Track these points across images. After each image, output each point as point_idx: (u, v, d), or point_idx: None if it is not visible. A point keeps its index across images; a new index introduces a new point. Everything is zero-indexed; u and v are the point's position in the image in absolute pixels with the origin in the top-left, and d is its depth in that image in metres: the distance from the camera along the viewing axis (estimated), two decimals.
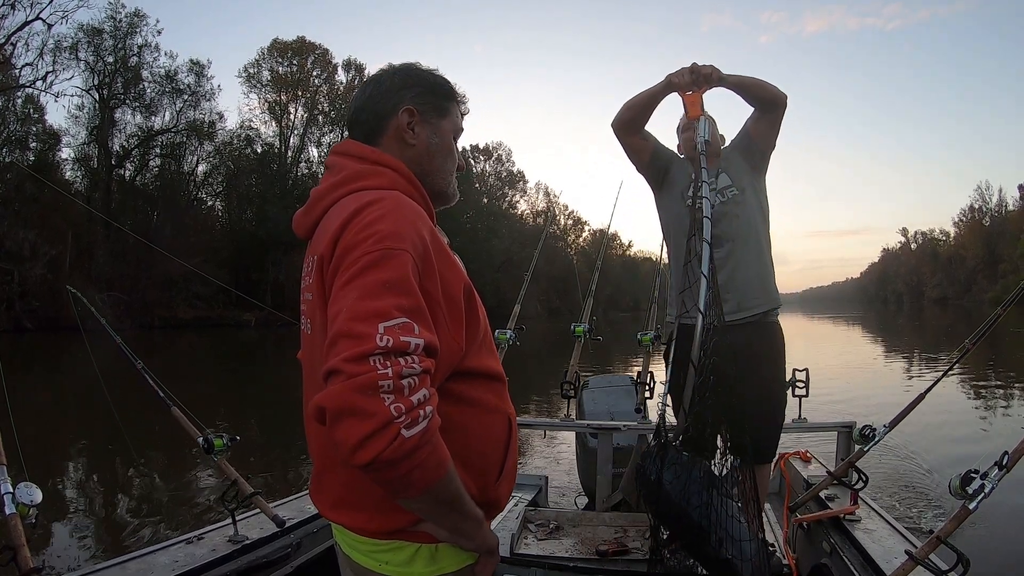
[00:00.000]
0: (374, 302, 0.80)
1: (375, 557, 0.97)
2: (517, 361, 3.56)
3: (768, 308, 2.29)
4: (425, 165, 1.07)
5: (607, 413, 3.79)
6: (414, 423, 0.75)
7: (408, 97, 1.06)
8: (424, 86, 1.09)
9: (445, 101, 1.10)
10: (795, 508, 2.41)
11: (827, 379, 10.51)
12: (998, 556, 3.72)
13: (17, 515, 1.51)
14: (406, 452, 0.75)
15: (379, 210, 0.90)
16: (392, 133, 1.06)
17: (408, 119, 1.06)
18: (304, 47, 45.09)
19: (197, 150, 38.88)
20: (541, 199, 65.11)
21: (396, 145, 1.06)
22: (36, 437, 6.50)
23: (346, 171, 1.02)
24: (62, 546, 4.08)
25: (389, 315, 0.79)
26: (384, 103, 1.06)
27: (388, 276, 0.82)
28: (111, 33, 33.81)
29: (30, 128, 32.32)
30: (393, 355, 0.76)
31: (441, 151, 1.09)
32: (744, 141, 2.35)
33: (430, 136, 1.08)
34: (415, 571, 0.95)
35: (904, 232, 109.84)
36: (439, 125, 1.09)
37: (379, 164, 1.02)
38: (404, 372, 0.76)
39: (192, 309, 32.45)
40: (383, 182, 1.00)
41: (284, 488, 5.05)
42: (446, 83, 1.11)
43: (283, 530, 2.05)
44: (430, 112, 1.08)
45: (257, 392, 11.91)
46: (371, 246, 0.84)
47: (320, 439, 1.00)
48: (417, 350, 0.78)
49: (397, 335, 0.77)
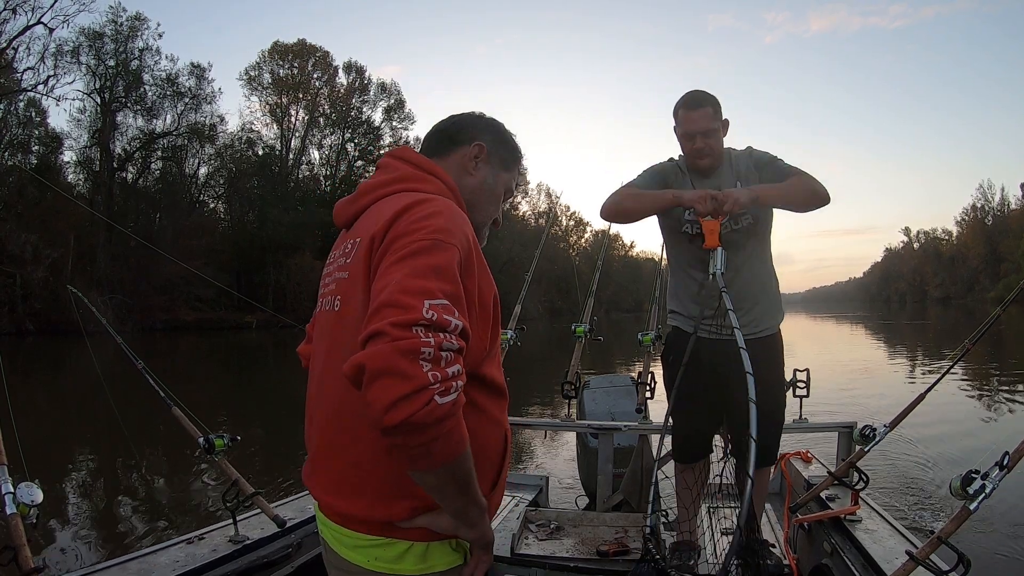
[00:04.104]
0: (423, 281, 0.84)
1: (364, 552, 0.97)
2: (518, 362, 3.56)
3: (775, 330, 2.28)
4: (472, 199, 1.13)
5: (608, 413, 3.79)
6: (447, 392, 0.78)
7: (485, 137, 1.15)
8: (501, 138, 1.18)
9: (512, 159, 1.19)
10: (796, 508, 2.41)
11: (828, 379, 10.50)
12: (999, 556, 3.71)
13: (18, 515, 1.51)
14: (437, 418, 0.77)
15: (434, 207, 0.96)
16: (457, 158, 1.14)
17: (477, 152, 1.14)
18: (305, 49, 45.14)
19: (198, 153, 38.94)
20: (543, 200, 65.14)
21: (456, 169, 1.13)
22: (37, 437, 6.51)
23: (399, 172, 1.08)
24: (63, 546, 4.08)
25: (434, 295, 0.83)
26: (462, 132, 1.15)
27: (436, 262, 0.87)
28: (112, 37, 33.83)
29: (32, 132, 32.40)
30: (435, 329, 0.80)
31: (491, 194, 1.16)
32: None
33: (487, 176, 1.15)
34: (404, 568, 0.96)
35: (907, 231, 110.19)
36: (499, 174, 1.17)
37: (432, 173, 1.08)
38: (444, 345, 0.79)
39: (194, 311, 32.47)
40: (432, 188, 1.05)
41: (285, 488, 5.06)
42: (519, 148, 1.21)
43: (284, 530, 2.05)
44: (496, 159, 1.16)
45: (258, 393, 11.92)
46: (424, 235, 0.90)
47: (325, 419, 1.01)
48: (456, 330, 0.82)
49: (440, 312, 0.81)
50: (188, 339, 26.84)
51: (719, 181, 2.21)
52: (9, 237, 25.83)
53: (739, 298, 2.19)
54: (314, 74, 45.52)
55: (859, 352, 19.61)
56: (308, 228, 38.05)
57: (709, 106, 2.16)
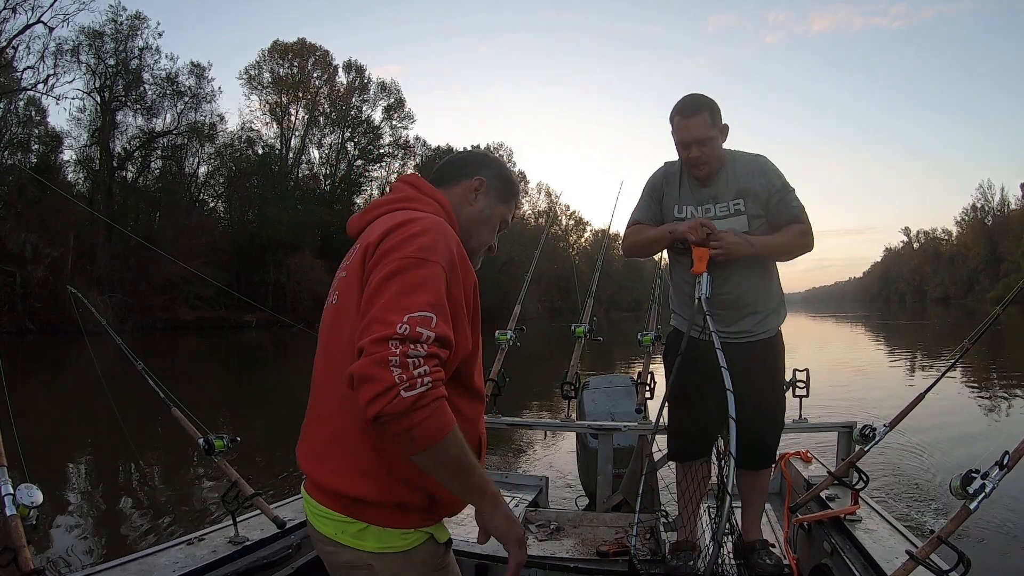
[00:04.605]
0: (406, 298, 1.00)
1: (334, 525, 1.12)
2: (518, 362, 3.56)
3: (775, 332, 2.27)
4: (470, 227, 1.28)
5: (607, 414, 3.79)
6: (412, 388, 0.94)
7: (487, 172, 1.31)
8: (501, 174, 1.34)
9: (509, 194, 1.34)
10: (796, 508, 2.40)
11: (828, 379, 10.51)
12: (999, 556, 3.72)
13: (18, 516, 1.51)
14: (403, 409, 0.93)
15: (422, 226, 1.10)
16: (460, 189, 1.29)
17: (477, 185, 1.29)
18: (305, 49, 45.16)
19: (198, 152, 38.96)
20: (543, 199, 65.15)
21: (458, 199, 1.28)
22: (37, 438, 6.51)
23: (404, 193, 1.25)
24: (63, 547, 4.08)
25: (414, 308, 0.99)
26: (467, 166, 1.32)
27: (419, 279, 1.02)
28: (112, 36, 33.81)
29: (32, 131, 32.42)
30: (408, 341, 0.96)
31: (487, 223, 1.31)
32: (764, 207, 2.17)
33: (485, 208, 1.30)
34: (366, 545, 1.10)
35: (907, 231, 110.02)
36: (496, 206, 1.32)
37: (431, 197, 1.24)
38: (410, 353, 0.95)
39: (193, 310, 32.47)
40: (429, 209, 1.20)
41: (285, 489, 5.06)
42: (516, 184, 1.38)
43: (284, 531, 2.05)
44: (495, 193, 1.31)
45: (258, 393, 11.93)
46: (411, 252, 1.05)
47: (323, 391, 1.16)
48: (428, 340, 0.97)
49: (415, 325, 0.97)
50: (188, 338, 26.85)
51: (716, 190, 2.17)
52: (9, 236, 25.83)
53: (738, 306, 2.19)
54: (314, 73, 45.55)
55: (859, 352, 19.62)
56: (308, 227, 38.07)
57: (706, 112, 2.09)
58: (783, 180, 2.18)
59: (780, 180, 2.17)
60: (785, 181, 2.18)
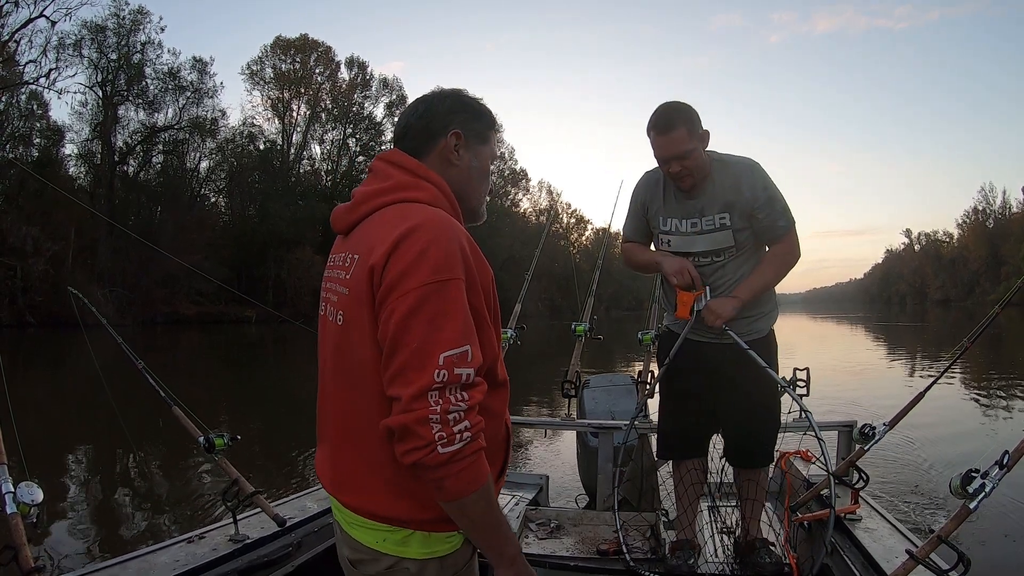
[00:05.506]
0: (436, 334, 0.95)
1: (373, 534, 1.07)
2: (518, 360, 3.56)
3: (766, 332, 2.27)
4: (464, 185, 1.17)
5: (608, 412, 3.79)
6: (450, 444, 0.93)
7: (457, 121, 1.16)
8: (471, 113, 1.18)
9: (487, 129, 1.20)
10: (796, 508, 2.41)
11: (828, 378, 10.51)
12: (999, 555, 3.72)
13: (18, 514, 1.51)
14: (439, 463, 0.93)
15: (426, 237, 0.99)
16: (438, 152, 1.15)
17: (455, 142, 1.15)
18: (307, 44, 45.15)
19: (200, 147, 38.99)
20: (543, 197, 65.17)
21: (440, 163, 1.15)
22: (37, 436, 6.51)
23: (393, 180, 1.11)
24: (63, 545, 4.08)
25: (447, 345, 0.95)
26: (435, 123, 1.15)
27: (442, 308, 0.96)
28: (114, 30, 33.88)
29: (34, 125, 32.44)
30: (448, 389, 0.94)
31: (479, 174, 1.19)
32: (750, 219, 2.15)
33: (472, 160, 1.17)
34: (410, 552, 1.06)
35: (908, 233, 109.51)
36: (480, 150, 1.19)
37: (425, 179, 1.11)
38: (451, 409, 0.94)
39: (194, 305, 32.52)
40: (426, 196, 1.09)
41: (285, 487, 5.06)
42: (490, 113, 1.21)
43: (284, 529, 2.05)
44: (474, 138, 1.17)
45: (258, 390, 11.93)
46: (426, 277, 0.96)
47: (337, 419, 1.11)
48: (468, 380, 0.95)
49: (452, 367, 0.94)
50: (189, 333, 26.86)
51: (703, 203, 2.13)
52: (10, 230, 25.84)
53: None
54: (316, 69, 45.53)
55: (859, 352, 19.61)
56: (309, 223, 38.05)
57: (682, 126, 2.00)
58: (769, 191, 2.12)
59: (766, 191, 2.12)
60: (772, 191, 2.13)
